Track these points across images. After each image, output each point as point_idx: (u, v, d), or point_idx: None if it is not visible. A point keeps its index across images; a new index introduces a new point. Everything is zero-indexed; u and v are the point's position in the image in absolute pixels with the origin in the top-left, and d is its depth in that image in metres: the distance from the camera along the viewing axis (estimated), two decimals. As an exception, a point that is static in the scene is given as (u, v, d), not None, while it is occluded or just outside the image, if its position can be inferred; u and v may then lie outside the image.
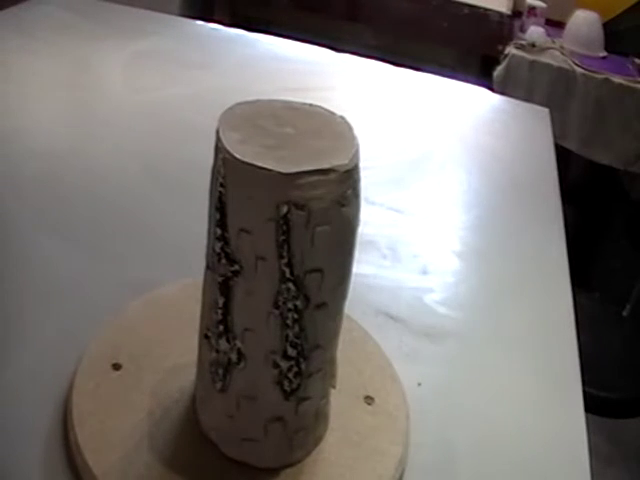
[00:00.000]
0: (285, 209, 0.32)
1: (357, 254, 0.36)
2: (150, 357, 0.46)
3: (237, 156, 0.32)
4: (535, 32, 2.04)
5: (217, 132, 0.34)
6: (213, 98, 0.86)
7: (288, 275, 0.33)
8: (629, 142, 1.96)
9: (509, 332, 0.58)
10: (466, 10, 2.11)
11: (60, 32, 1.00)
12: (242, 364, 0.36)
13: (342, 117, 0.37)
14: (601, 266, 2.22)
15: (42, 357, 0.47)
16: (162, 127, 0.81)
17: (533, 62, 1.96)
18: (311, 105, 0.37)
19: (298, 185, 0.31)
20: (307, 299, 0.34)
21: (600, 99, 1.93)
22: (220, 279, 0.35)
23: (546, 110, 1.05)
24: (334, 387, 0.41)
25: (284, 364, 0.36)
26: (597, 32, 2.08)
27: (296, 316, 0.35)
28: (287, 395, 0.37)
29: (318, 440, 0.42)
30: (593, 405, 0.66)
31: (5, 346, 0.47)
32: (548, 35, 2.08)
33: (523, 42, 2.00)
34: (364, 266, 0.62)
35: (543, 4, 2.13)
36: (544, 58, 1.98)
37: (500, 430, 0.48)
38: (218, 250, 0.35)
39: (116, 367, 0.44)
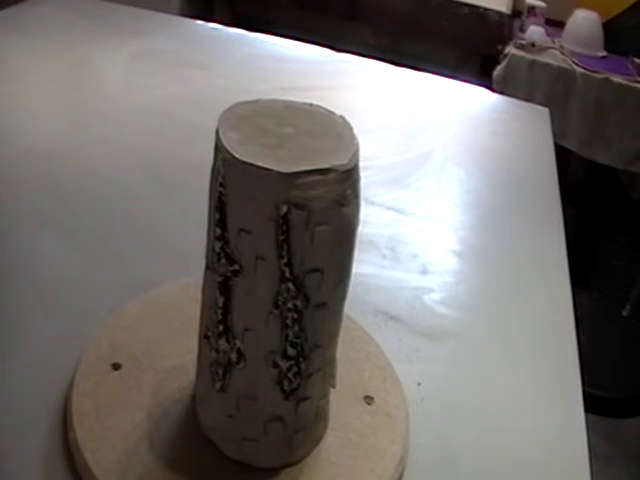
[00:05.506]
0: (285, 209, 0.32)
1: (357, 254, 0.36)
2: (150, 357, 0.46)
3: (237, 156, 0.32)
4: (535, 32, 2.04)
5: (217, 132, 0.34)
6: (213, 98, 0.86)
7: (288, 275, 0.33)
8: (629, 142, 1.96)
9: (509, 332, 0.58)
10: (466, 10, 2.11)
11: (60, 32, 1.00)
12: (242, 364, 0.36)
13: (342, 117, 0.37)
14: (601, 266, 2.22)
15: (42, 357, 0.47)
16: (162, 127, 0.81)
17: (533, 62, 1.96)
18: (311, 105, 0.37)
19: (298, 185, 0.31)
20: (307, 299, 0.34)
21: (600, 99, 1.93)
22: (220, 279, 0.35)
23: (546, 110, 1.05)
24: (334, 387, 0.41)
25: (284, 364, 0.36)
26: (597, 32, 2.08)
27: (296, 316, 0.35)
28: (287, 395, 0.37)
29: (318, 440, 0.42)
30: (593, 405, 0.66)
31: (4, 346, 0.47)
32: (548, 35, 2.08)
33: (523, 42, 2.00)
34: (364, 266, 0.62)
35: (543, 4, 2.12)
36: (544, 58, 1.98)
37: (500, 430, 0.48)
38: (218, 250, 0.35)
39: (116, 367, 0.44)
